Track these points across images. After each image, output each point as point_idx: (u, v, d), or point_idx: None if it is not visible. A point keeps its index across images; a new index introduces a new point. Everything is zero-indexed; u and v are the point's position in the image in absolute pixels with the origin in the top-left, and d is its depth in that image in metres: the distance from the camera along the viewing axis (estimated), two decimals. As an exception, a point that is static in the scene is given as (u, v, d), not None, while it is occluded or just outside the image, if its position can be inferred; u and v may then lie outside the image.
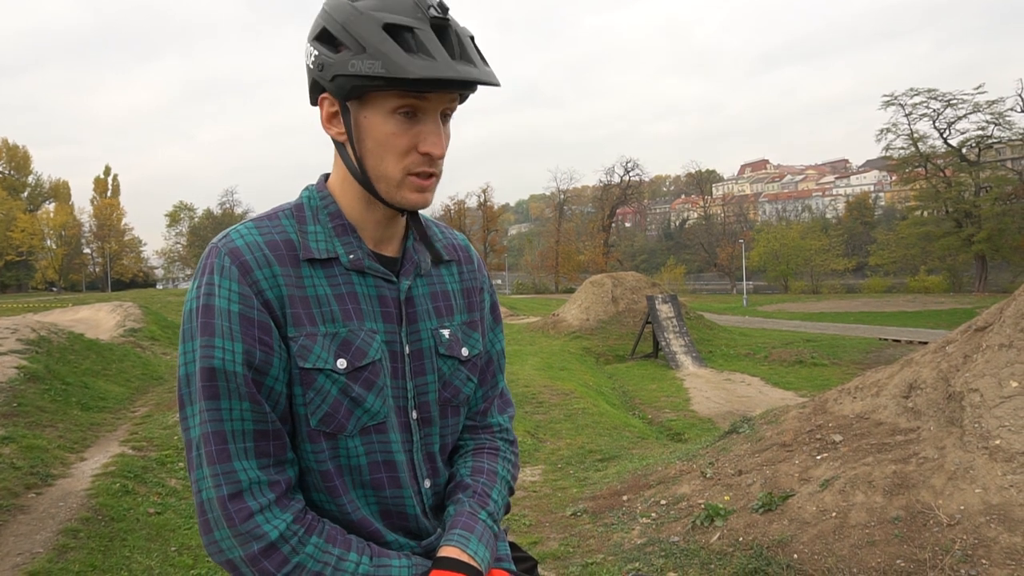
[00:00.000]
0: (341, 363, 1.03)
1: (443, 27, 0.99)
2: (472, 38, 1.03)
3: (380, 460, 1.07)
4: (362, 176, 1.05)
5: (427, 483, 1.15)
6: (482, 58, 1.03)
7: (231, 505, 0.96)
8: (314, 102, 1.07)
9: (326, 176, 1.14)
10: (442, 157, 1.04)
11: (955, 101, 39.23)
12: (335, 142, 1.08)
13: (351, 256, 1.07)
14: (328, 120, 1.05)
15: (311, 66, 1.02)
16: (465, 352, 1.19)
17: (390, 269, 1.11)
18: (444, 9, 1.00)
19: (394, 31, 0.96)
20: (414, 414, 1.12)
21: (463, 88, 1.01)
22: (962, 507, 3.42)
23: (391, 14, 0.97)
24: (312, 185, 1.14)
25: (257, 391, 0.99)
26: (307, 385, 1.02)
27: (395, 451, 1.08)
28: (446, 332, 1.16)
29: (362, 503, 1.07)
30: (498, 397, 1.30)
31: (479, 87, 1.04)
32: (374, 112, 1.01)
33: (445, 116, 1.05)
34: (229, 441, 0.98)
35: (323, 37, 1.01)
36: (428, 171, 1.04)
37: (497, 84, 1.02)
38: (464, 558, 1.06)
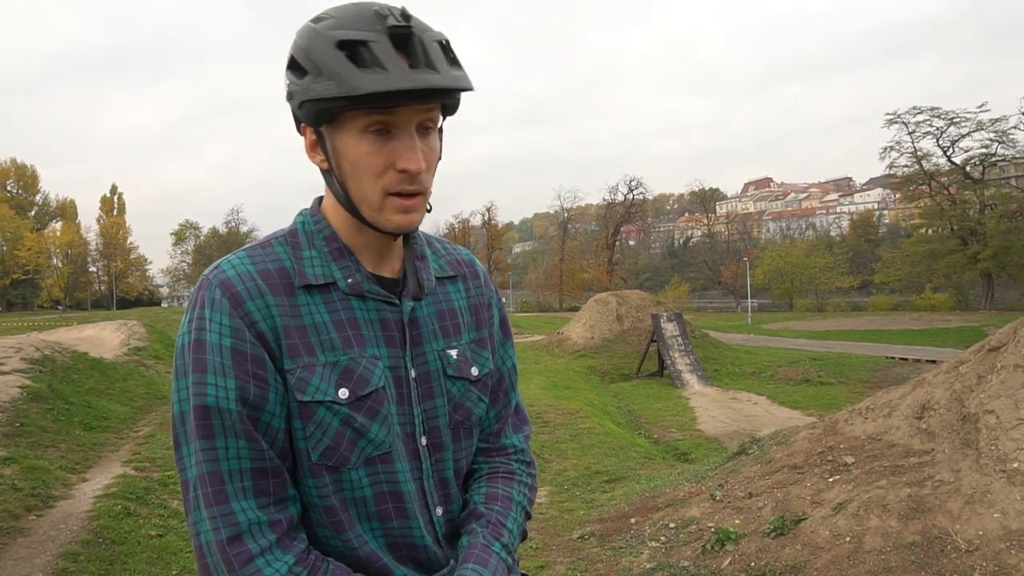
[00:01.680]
0: (343, 393, 0.99)
1: (404, 35, 0.94)
2: (443, 43, 0.98)
3: (386, 491, 1.03)
4: (347, 201, 1.01)
5: (439, 511, 1.10)
6: (453, 62, 0.98)
7: (230, 549, 0.93)
8: (300, 132, 1.05)
9: (320, 199, 1.11)
10: (420, 172, 0.98)
11: (958, 119, 39.41)
12: (321, 170, 1.05)
13: (349, 280, 1.04)
14: (311, 149, 1.02)
15: (286, 97, 1.01)
16: (475, 372, 1.15)
17: (391, 290, 1.08)
18: (406, 17, 0.95)
19: (348, 47, 0.92)
20: (423, 440, 1.08)
21: (423, 97, 0.95)
22: (980, 532, 3.34)
23: (347, 30, 0.93)
24: (306, 209, 1.11)
25: (253, 428, 0.96)
26: (307, 419, 0.99)
27: (402, 480, 1.04)
28: (454, 352, 1.12)
29: (369, 536, 1.03)
30: (512, 416, 1.26)
31: (463, 94, 1.00)
32: (347, 134, 0.97)
33: (426, 129, 1.00)
34: (226, 481, 0.94)
35: (292, 65, 0.98)
36: (408, 189, 0.99)
37: (462, 88, 0.96)
38: None
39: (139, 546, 4.81)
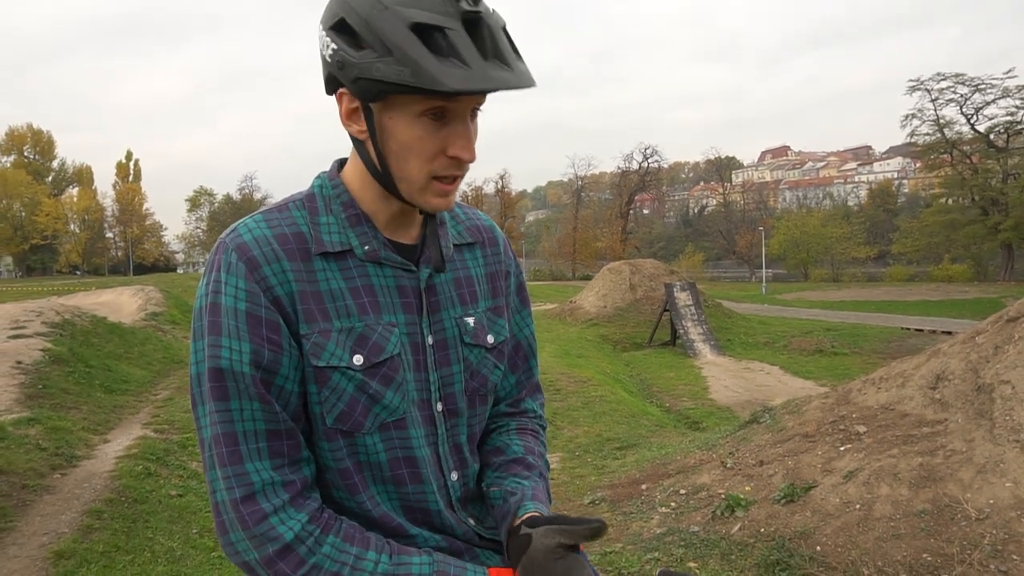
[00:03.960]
0: (357, 359, 1.00)
1: (475, 22, 0.90)
2: (504, 29, 0.94)
3: (400, 456, 1.04)
4: (384, 177, 1.00)
5: (454, 475, 1.12)
6: (516, 52, 0.95)
7: (244, 507, 0.94)
8: (330, 92, 1.01)
9: (340, 163, 1.09)
10: (473, 161, 0.98)
11: (983, 86, 38.47)
12: (353, 138, 1.02)
13: (366, 247, 1.03)
14: (348, 116, 0.98)
15: (328, 59, 0.96)
16: (491, 339, 1.15)
17: (409, 257, 1.07)
18: (476, 0, 0.91)
19: (422, 32, 0.87)
20: (439, 406, 1.09)
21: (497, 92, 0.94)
22: (991, 501, 3.35)
23: (419, 10, 0.88)
24: (324, 173, 1.10)
25: (267, 391, 0.97)
26: (321, 383, 1.00)
27: (416, 446, 1.05)
28: (471, 320, 1.12)
29: (383, 498, 1.05)
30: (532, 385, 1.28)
31: None
32: (400, 114, 0.94)
33: (473, 112, 0.98)
34: (240, 442, 0.95)
35: (341, 28, 0.93)
36: (456, 174, 0.99)
37: (532, 85, 0.94)
38: None
39: (160, 505, 4.94)
